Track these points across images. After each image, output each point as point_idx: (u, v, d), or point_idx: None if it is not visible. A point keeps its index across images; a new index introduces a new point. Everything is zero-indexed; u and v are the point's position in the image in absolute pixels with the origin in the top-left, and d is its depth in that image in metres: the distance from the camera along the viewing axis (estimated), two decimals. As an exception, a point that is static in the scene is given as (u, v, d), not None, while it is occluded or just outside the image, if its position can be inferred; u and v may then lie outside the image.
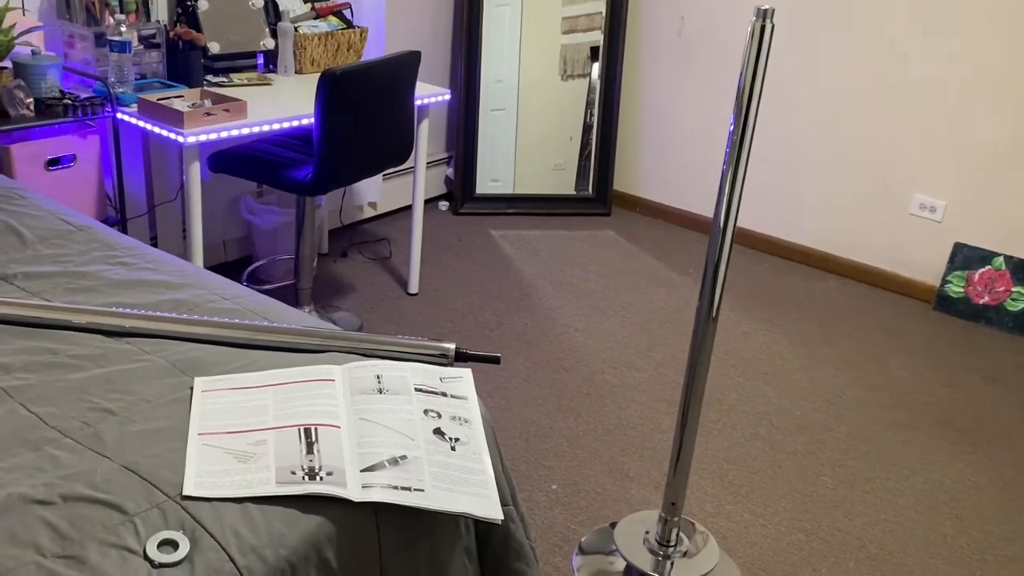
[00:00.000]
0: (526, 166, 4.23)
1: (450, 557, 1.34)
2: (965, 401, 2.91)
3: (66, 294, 1.63)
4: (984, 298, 3.45)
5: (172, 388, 1.37)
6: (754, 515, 2.29)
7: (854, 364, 3.09)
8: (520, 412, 2.64)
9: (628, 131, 4.35)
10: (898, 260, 3.69)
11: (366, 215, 3.97)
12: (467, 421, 1.39)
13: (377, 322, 3.10)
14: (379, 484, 1.21)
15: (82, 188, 2.53)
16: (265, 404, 1.33)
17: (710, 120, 4.07)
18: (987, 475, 2.53)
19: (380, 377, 1.42)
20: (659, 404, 2.74)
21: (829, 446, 2.60)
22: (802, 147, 3.83)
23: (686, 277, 3.68)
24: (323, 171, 2.53)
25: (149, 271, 1.74)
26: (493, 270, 3.59)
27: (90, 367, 1.40)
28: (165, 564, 1.04)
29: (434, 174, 4.24)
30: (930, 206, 3.56)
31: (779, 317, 3.40)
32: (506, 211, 4.21)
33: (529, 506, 2.25)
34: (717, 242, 1.81)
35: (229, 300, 1.66)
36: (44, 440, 1.22)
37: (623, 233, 4.11)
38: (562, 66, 4.15)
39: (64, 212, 1.99)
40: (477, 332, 3.09)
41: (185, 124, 2.34)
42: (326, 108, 2.44)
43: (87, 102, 2.41)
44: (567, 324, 3.19)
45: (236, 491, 1.15)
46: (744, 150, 1.74)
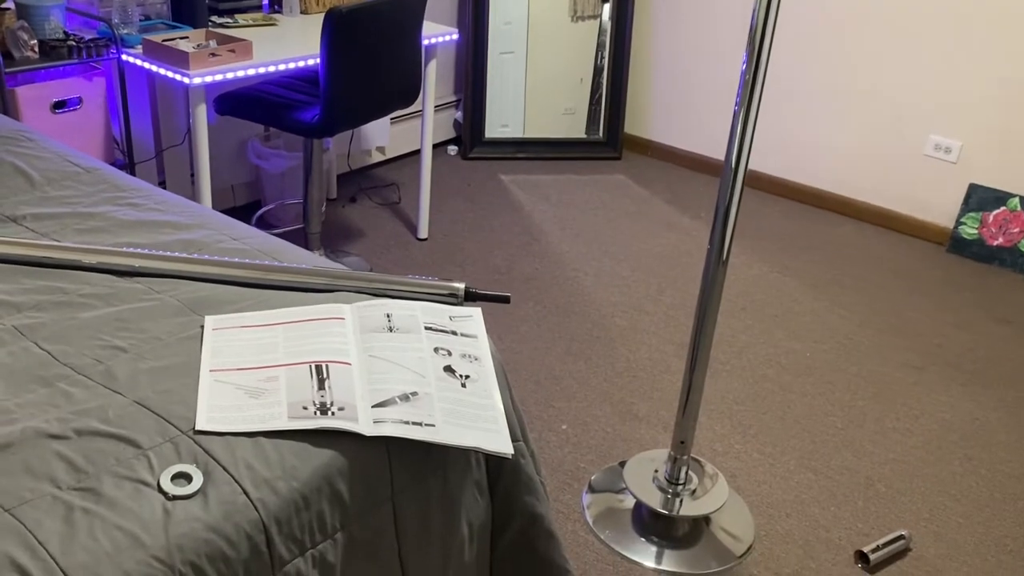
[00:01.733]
0: (536, 110, 4.19)
1: (461, 491, 1.35)
2: (976, 342, 2.90)
3: (75, 235, 1.63)
4: (998, 240, 3.42)
5: (183, 326, 1.37)
6: (763, 454, 2.30)
7: (866, 306, 3.08)
8: (531, 355, 2.65)
9: (639, 73, 4.29)
10: (912, 202, 3.65)
11: (374, 160, 3.95)
12: (477, 359, 1.39)
13: (386, 267, 3.10)
14: (390, 419, 1.21)
15: (89, 131, 2.52)
16: (276, 342, 1.33)
17: (723, 62, 4.01)
18: (997, 415, 2.54)
19: (390, 316, 1.42)
20: (669, 347, 2.74)
21: (839, 387, 2.61)
22: (816, 88, 3.77)
23: (697, 221, 3.65)
24: (330, 112, 2.51)
25: (158, 212, 1.74)
26: (503, 215, 3.57)
27: (101, 306, 1.40)
28: (179, 496, 1.05)
29: (443, 118, 4.20)
30: (945, 147, 3.51)
31: (791, 260, 3.38)
32: (516, 156, 4.18)
33: (539, 446, 2.26)
34: (728, 184, 1.79)
35: (238, 240, 1.65)
36: (57, 377, 1.23)
37: (634, 177, 4.08)
38: (572, 7, 4.08)
39: (71, 154, 1.99)
40: (487, 276, 3.09)
41: (190, 65, 2.31)
42: (332, 48, 2.41)
43: (91, 44, 2.39)
44: (577, 268, 3.19)
45: (248, 426, 1.16)
46: (756, 90, 1.71)
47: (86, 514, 1.00)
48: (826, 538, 2.05)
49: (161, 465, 1.08)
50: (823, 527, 2.08)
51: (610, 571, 1.92)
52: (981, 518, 2.15)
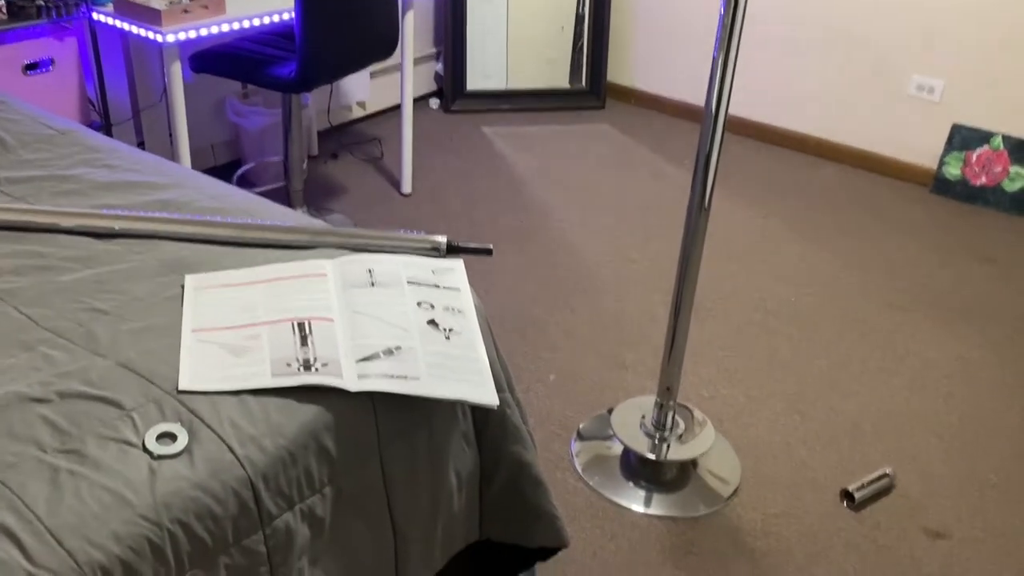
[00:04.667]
0: (518, 60, 4.14)
1: (448, 443, 1.36)
2: (960, 282, 2.92)
3: (51, 198, 1.61)
4: (981, 179, 3.42)
5: (163, 287, 1.36)
6: (749, 398, 2.32)
7: (850, 249, 3.09)
8: (517, 307, 2.65)
9: (621, 20, 4.24)
10: (896, 143, 3.65)
11: (355, 115, 3.90)
12: (460, 311, 1.39)
13: (370, 223, 3.08)
14: (375, 374, 1.22)
15: (63, 93, 2.48)
16: (257, 300, 1.33)
17: (705, 6, 3.96)
18: (980, 353, 2.56)
19: (372, 271, 1.41)
20: (655, 295, 2.75)
21: (824, 329, 2.63)
22: (798, 31, 3.73)
23: (681, 168, 3.64)
24: (306, 66, 2.47)
25: (134, 172, 1.72)
26: (486, 168, 3.55)
27: (80, 269, 1.40)
28: (164, 456, 1.05)
29: (423, 71, 4.15)
30: (928, 87, 3.49)
31: (775, 205, 3.38)
32: (499, 107, 4.14)
33: (527, 397, 2.28)
34: (709, 130, 1.78)
35: (217, 199, 1.64)
36: (38, 341, 1.22)
37: (618, 126, 4.05)
38: (552, -46, 4.01)
39: (45, 117, 1.96)
40: (472, 230, 3.08)
41: (163, 22, 2.27)
42: (306, 0, 2.37)
43: (61, 2, 2.34)
44: (562, 219, 3.18)
45: (232, 384, 1.16)
46: (735, 34, 1.69)
47: (72, 476, 1.00)
48: (812, 479, 2.08)
49: (145, 425, 1.09)
50: (809, 468, 2.11)
51: (599, 517, 1.95)
52: (964, 455, 2.18)
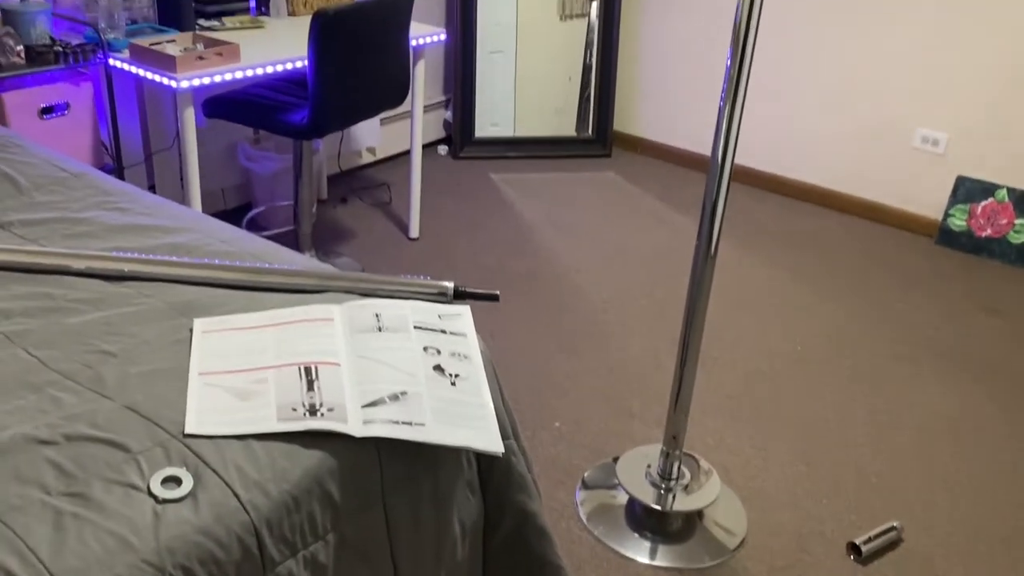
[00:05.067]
0: (526, 109, 4.19)
1: (453, 490, 1.36)
2: (966, 334, 2.92)
3: (63, 240, 1.63)
4: (987, 231, 3.43)
5: (172, 330, 1.37)
6: (755, 448, 2.31)
7: (856, 299, 3.09)
8: (523, 353, 2.65)
9: (628, 71, 4.30)
10: (900, 195, 3.67)
11: (365, 160, 3.95)
12: (466, 357, 1.39)
13: (378, 267, 3.10)
14: (380, 419, 1.21)
15: (77, 136, 2.51)
16: (265, 344, 1.34)
17: (710, 58, 4.02)
18: (987, 406, 2.55)
19: (379, 315, 1.42)
20: (661, 342, 2.75)
21: (830, 379, 2.62)
22: (803, 83, 3.78)
23: (687, 216, 3.66)
24: (318, 114, 2.51)
25: (146, 216, 1.74)
26: (494, 214, 3.58)
27: (89, 311, 1.40)
28: (169, 500, 1.05)
29: (433, 118, 4.20)
30: (932, 139, 3.52)
31: (781, 254, 3.39)
32: (506, 154, 4.18)
33: (533, 444, 2.27)
34: (715, 179, 1.80)
35: (226, 243, 1.65)
36: (46, 382, 1.23)
37: (624, 174, 4.09)
38: (560, 6, 4.08)
39: (59, 159, 1.98)
40: (478, 275, 3.09)
41: (178, 69, 2.31)
42: (319, 49, 2.41)
43: (78, 48, 2.38)
44: (569, 265, 3.19)
45: (238, 428, 1.16)
46: (741, 85, 1.72)
47: (76, 519, 1.00)
48: (819, 530, 2.06)
49: (151, 469, 1.09)
50: (816, 519, 2.09)
51: (604, 567, 1.93)
52: (972, 509, 2.16)
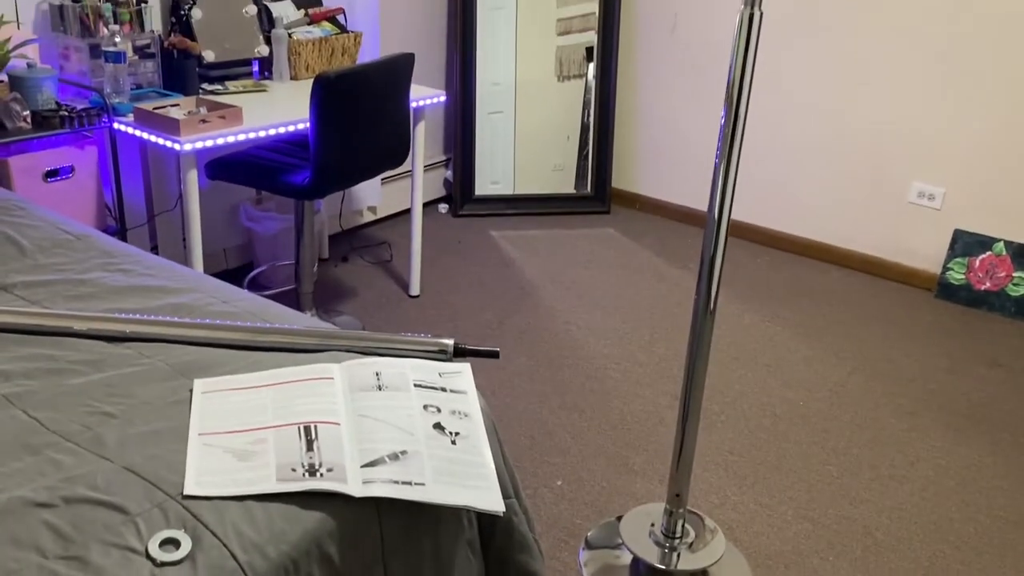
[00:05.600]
0: (525, 167, 4.24)
1: (453, 551, 1.34)
2: (969, 387, 2.91)
3: (66, 302, 1.64)
4: (986, 284, 3.44)
5: (172, 390, 1.37)
6: (760, 505, 2.29)
7: (857, 353, 3.09)
8: (524, 410, 2.64)
9: (625, 129, 4.36)
10: (899, 249, 3.69)
11: (366, 219, 3.98)
12: (467, 415, 1.39)
13: (379, 325, 3.11)
14: (380, 479, 1.21)
15: (81, 199, 2.54)
16: (265, 404, 1.34)
17: (706, 115, 4.08)
18: (993, 460, 2.53)
19: (379, 374, 1.42)
20: (662, 398, 2.74)
21: (834, 435, 2.60)
22: (798, 139, 3.83)
23: (686, 271, 3.68)
24: (320, 175, 2.54)
25: (148, 277, 1.75)
26: (494, 270, 3.60)
27: (90, 372, 1.41)
28: (167, 563, 1.04)
29: (433, 177, 4.25)
30: (929, 194, 3.56)
31: (781, 309, 3.40)
32: (506, 212, 4.22)
33: (535, 502, 2.25)
34: (712, 235, 1.81)
35: (228, 303, 1.66)
36: (45, 444, 1.23)
37: (623, 230, 4.12)
38: (558, 67, 4.16)
39: (63, 222, 2.00)
40: (479, 332, 3.09)
41: (181, 132, 2.35)
42: (321, 112, 2.45)
43: (83, 113, 2.42)
44: (569, 321, 3.20)
45: (237, 489, 1.16)
46: (736, 142, 1.74)
47: (73, 583, 0.99)
48: (826, 589, 2.03)
49: (149, 531, 1.08)
50: (822, 578, 2.06)
51: (608, 629, 1.89)
52: (980, 565, 2.13)
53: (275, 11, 3.08)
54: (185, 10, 2.81)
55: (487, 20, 4.02)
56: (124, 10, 2.63)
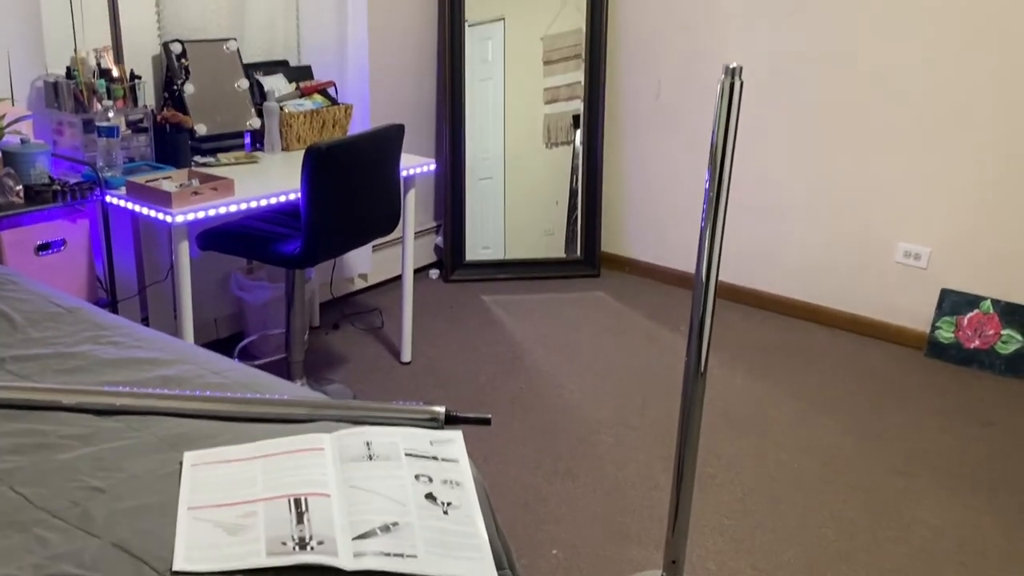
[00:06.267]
0: (516, 232, 4.28)
1: (446, 624, 1.32)
2: (963, 447, 2.90)
3: (56, 375, 1.63)
4: (975, 342, 3.46)
5: (162, 464, 1.36)
6: (757, 570, 2.26)
7: (849, 414, 3.08)
8: (517, 477, 2.62)
9: (613, 194, 4.41)
10: (886, 308, 3.71)
11: (357, 287, 3.99)
12: (459, 484, 1.38)
13: (370, 392, 3.10)
14: (371, 551, 1.20)
15: (72, 271, 2.55)
16: (255, 476, 1.33)
17: (692, 178, 4.14)
18: (989, 519, 2.51)
19: (370, 444, 1.42)
20: (656, 462, 2.73)
21: (829, 497, 2.59)
22: (784, 200, 3.88)
23: (677, 334, 3.69)
24: (311, 244, 2.56)
25: (138, 349, 1.75)
26: (485, 335, 3.60)
27: (79, 446, 1.40)
28: (155, 641, 1.02)
29: (424, 243, 4.28)
30: (914, 253, 3.60)
31: (772, 370, 3.40)
32: (497, 276, 4.24)
33: (530, 572, 2.22)
34: (701, 297, 1.83)
35: (218, 374, 1.66)
36: (32, 521, 1.21)
37: (613, 293, 4.14)
38: (546, 134, 4.23)
39: (54, 295, 2.01)
40: (472, 397, 3.08)
41: (173, 204, 2.37)
42: (312, 182, 2.48)
43: (76, 187, 2.45)
44: (561, 385, 3.19)
45: (226, 564, 1.14)
46: (720, 206, 1.77)
47: (58, 665, 0.97)
48: (826, 656, 1.99)
49: (137, 609, 1.06)
50: (823, 644, 2.02)
51: None
52: (983, 628, 2.10)
53: (267, 85, 3.14)
54: (178, 85, 2.87)
55: (476, 90, 4.10)
56: (118, 86, 2.68)
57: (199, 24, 2.99)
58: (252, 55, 3.20)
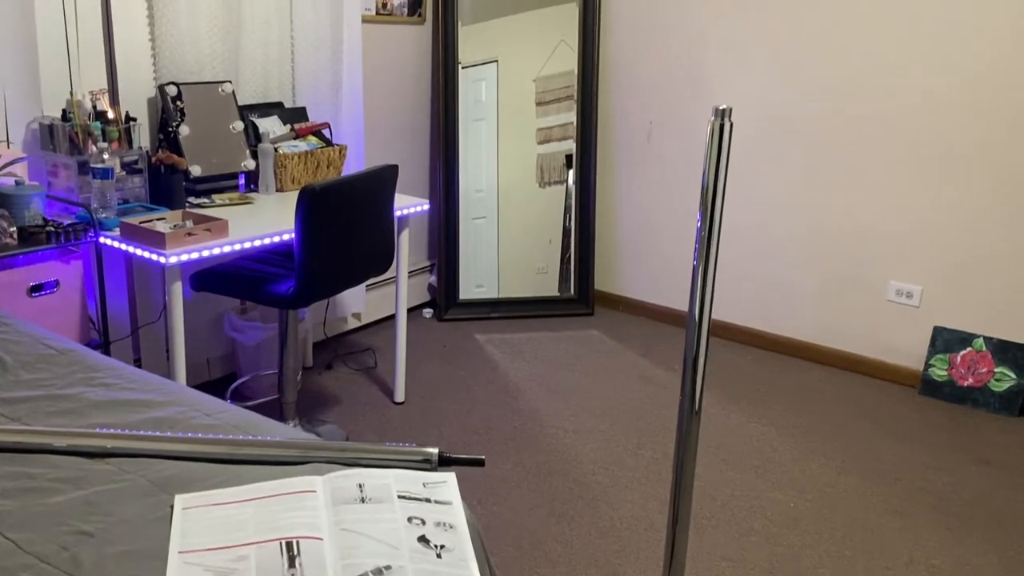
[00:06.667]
0: (509, 271, 4.29)
1: (439, 670, 1.30)
2: (959, 485, 2.89)
3: (47, 417, 1.62)
4: (968, 380, 3.46)
5: (152, 507, 1.35)
6: (754, 613, 2.24)
7: (844, 452, 3.07)
8: (512, 519, 2.60)
9: (606, 232, 4.44)
10: (880, 346, 3.72)
11: (350, 326, 3.99)
12: (452, 527, 1.37)
13: (363, 433, 3.08)
14: (363, 596, 1.18)
15: (65, 312, 2.55)
16: (246, 519, 1.32)
17: (684, 217, 4.16)
18: (987, 559, 2.50)
19: (362, 486, 1.40)
20: (651, 503, 2.71)
21: (826, 537, 2.57)
22: (776, 239, 3.91)
23: (671, 372, 3.68)
24: (304, 284, 2.56)
25: (130, 391, 1.74)
26: (479, 374, 3.59)
27: (69, 490, 1.39)
28: None
29: (418, 282, 4.29)
30: (907, 292, 3.61)
31: (766, 409, 3.40)
32: (490, 315, 4.24)
33: (524, 615, 2.19)
34: (694, 335, 1.83)
35: (210, 416, 1.65)
36: (20, 567, 1.20)
37: (607, 332, 4.14)
38: (539, 173, 4.26)
39: (47, 336, 2.00)
40: (465, 438, 3.07)
41: (167, 245, 2.37)
42: (306, 222, 2.49)
43: (70, 228, 2.45)
44: (556, 425, 3.18)
45: (216, 610, 1.13)
46: (712, 245, 1.78)
47: None
48: None
49: (125, 657, 1.05)
50: None
51: None
52: (983, 670, 2.08)
53: (262, 127, 3.16)
54: (173, 127, 2.88)
55: (469, 131, 4.14)
56: (113, 128, 2.69)
57: (195, 67, 3.02)
58: (247, 97, 3.23)
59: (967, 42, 3.33)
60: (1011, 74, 3.26)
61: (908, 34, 3.44)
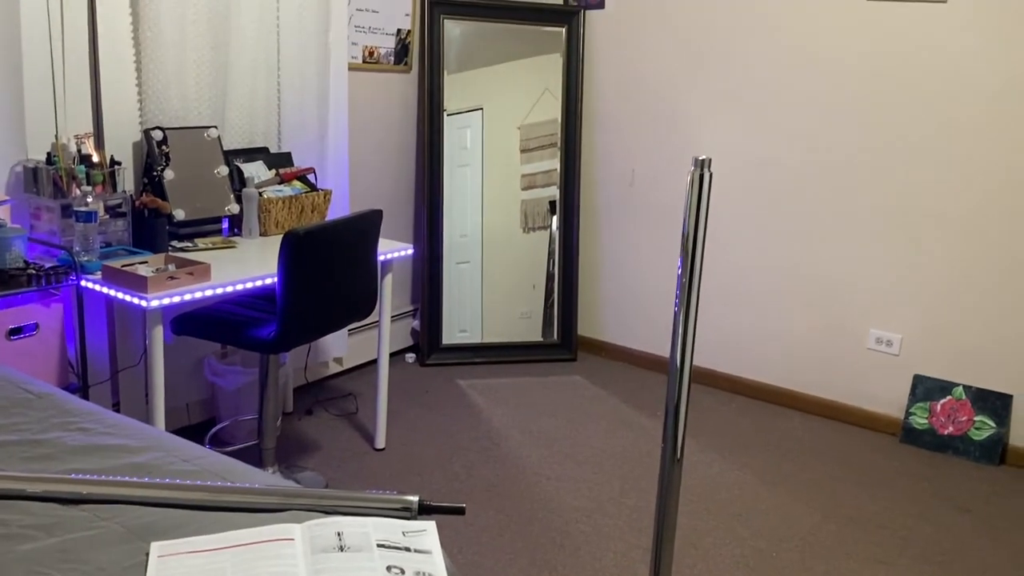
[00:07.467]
0: (493, 316, 4.29)
1: None
2: (940, 533, 2.89)
3: (22, 463, 1.60)
4: (948, 428, 3.48)
5: (128, 554, 1.33)
6: (737, 664, 2.21)
7: (826, 500, 3.07)
8: (493, 568, 2.57)
9: (589, 278, 4.46)
10: (860, 394, 3.74)
11: (332, 371, 3.97)
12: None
13: (343, 480, 3.05)
14: (340, 647, 1.17)
15: (44, 356, 2.52)
16: (223, 567, 1.30)
17: (666, 264, 4.19)
18: (970, 609, 2.49)
19: (341, 534, 1.39)
20: (634, 552, 2.69)
21: (808, 587, 2.55)
22: (757, 287, 3.94)
23: (654, 419, 3.68)
24: (286, 328, 2.55)
25: (108, 436, 1.72)
26: (461, 420, 3.57)
27: (43, 537, 1.36)
28: None
29: (400, 327, 4.28)
30: (887, 340, 3.64)
31: (748, 457, 3.39)
32: (473, 360, 4.23)
33: (504, 666, 2.16)
34: (676, 382, 1.84)
35: (189, 462, 1.64)
36: (-10, 617, 1.17)
37: (590, 377, 4.14)
38: (523, 219, 4.29)
39: (24, 380, 1.98)
40: (446, 485, 3.04)
41: (148, 288, 2.37)
42: (289, 267, 2.49)
43: (51, 271, 2.44)
44: (538, 472, 3.16)
45: (190, 661, 1.11)
46: (693, 292, 1.80)
47: None
48: None
49: None
50: None
51: None
52: None
53: (246, 171, 3.18)
54: (158, 171, 2.89)
55: (454, 176, 4.17)
56: (98, 171, 2.70)
57: (180, 112, 3.04)
58: (233, 142, 3.25)
59: (950, 96, 3.40)
60: (990, 128, 3.33)
61: (890, 85, 3.51)
